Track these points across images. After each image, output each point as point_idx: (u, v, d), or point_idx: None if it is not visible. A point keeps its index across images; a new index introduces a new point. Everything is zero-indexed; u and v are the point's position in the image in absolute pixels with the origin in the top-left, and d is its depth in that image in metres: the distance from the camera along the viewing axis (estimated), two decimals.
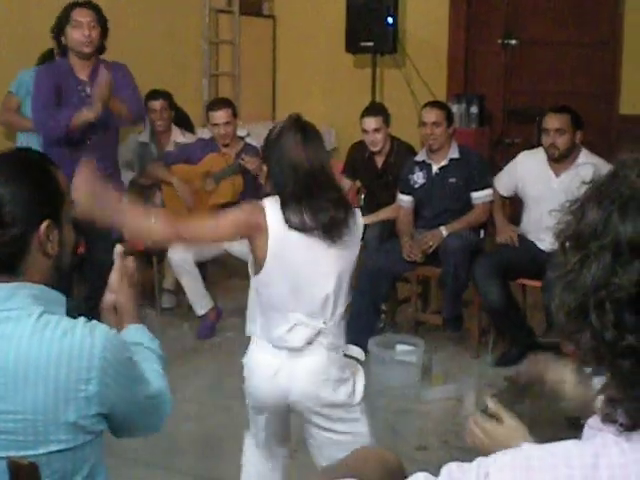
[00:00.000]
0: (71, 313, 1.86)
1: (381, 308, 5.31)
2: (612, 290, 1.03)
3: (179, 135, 6.17)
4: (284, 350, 2.78)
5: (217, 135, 5.60)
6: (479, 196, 5.19)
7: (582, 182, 1.12)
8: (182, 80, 7.07)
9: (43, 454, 1.72)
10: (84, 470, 1.79)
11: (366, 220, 5.49)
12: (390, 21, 7.11)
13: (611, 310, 1.03)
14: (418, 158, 5.34)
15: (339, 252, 2.77)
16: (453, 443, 4.04)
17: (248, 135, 6.07)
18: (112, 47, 4.73)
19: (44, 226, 1.79)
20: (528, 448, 1.11)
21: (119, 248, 2.11)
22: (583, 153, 4.90)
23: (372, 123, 5.49)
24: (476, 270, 4.86)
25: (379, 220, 5.48)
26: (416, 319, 5.46)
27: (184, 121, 6.49)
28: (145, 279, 5.94)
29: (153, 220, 2.67)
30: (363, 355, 3.04)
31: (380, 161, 5.63)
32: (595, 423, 1.12)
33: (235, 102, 6.22)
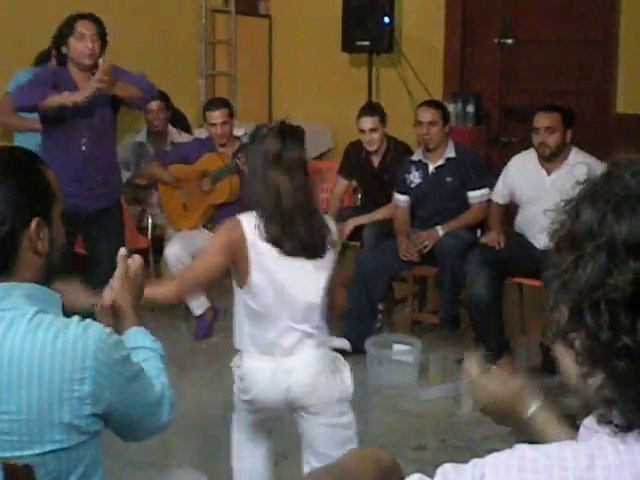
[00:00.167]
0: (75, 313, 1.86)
1: (378, 308, 5.31)
2: (607, 290, 1.03)
3: (176, 135, 6.17)
4: (275, 353, 2.88)
5: (214, 135, 5.59)
6: (475, 195, 5.19)
7: (576, 182, 1.11)
8: (179, 80, 7.06)
9: (38, 454, 1.72)
10: (79, 470, 1.79)
11: (363, 220, 5.54)
12: (386, 20, 7.11)
13: (606, 310, 1.03)
14: (414, 158, 5.34)
15: (317, 262, 2.89)
16: (451, 442, 4.04)
17: (245, 135, 6.06)
18: (108, 47, 4.72)
19: (34, 224, 1.79)
20: (523, 449, 1.10)
21: (122, 250, 2.11)
22: (574, 151, 4.91)
23: (368, 123, 5.49)
24: (468, 261, 4.85)
25: (376, 220, 5.49)
26: (413, 319, 5.46)
27: (181, 121, 6.49)
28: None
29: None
30: (349, 345, 3.10)
31: (377, 161, 5.63)
32: (590, 424, 1.11)
33: (232, 102, 6.22)
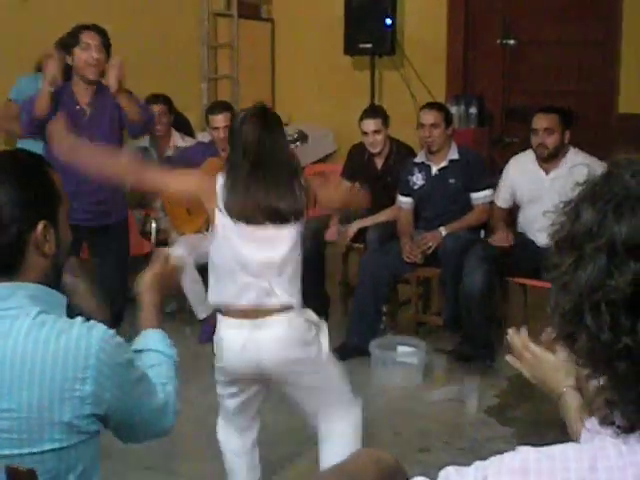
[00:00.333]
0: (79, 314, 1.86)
1: (382, 310, 5.31)
2: (607, 291, 1.02)
3: (179, 139, 6.16)
4: (246, 322, 3.00)
5: (217, 139, 5.58)
6: (479, 197, 5.19)
7: (576, 183, 1.11)
8: (181, 84, 7.07)
9: (37, 453, 1.72)
10: (77, 470, 1.79)
11: (366, 222, 5.54)
12: (388, 22, 7.11)
13: (607, 312, 1.02)
14: (417, 159, 5.34)
15: (280, 226, 3.02)
16: (455, 444, 4.03)
17: None
18: (112, 53, 4.73)
19: (41, 227, 1.79)
20: (526, 451, 1.10)
21: (165, 251, 2.11)
22: (572, 151, 4.92)
23: (371, 125, 5.48)
24: (468, 255, 4.85)
25: (379, 222, 5.48)
26: (417, 320, 5.45)
27: (184, 125, 6.49)
28: None
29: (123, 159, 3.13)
30: (324, 323, 3.19)
31: (380, 163, 5.63)
32: (593, 426, 1.11)
33: (234, 105, 6.22)
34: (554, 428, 2.00)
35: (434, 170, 5.25)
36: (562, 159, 4.91)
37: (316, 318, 3.15)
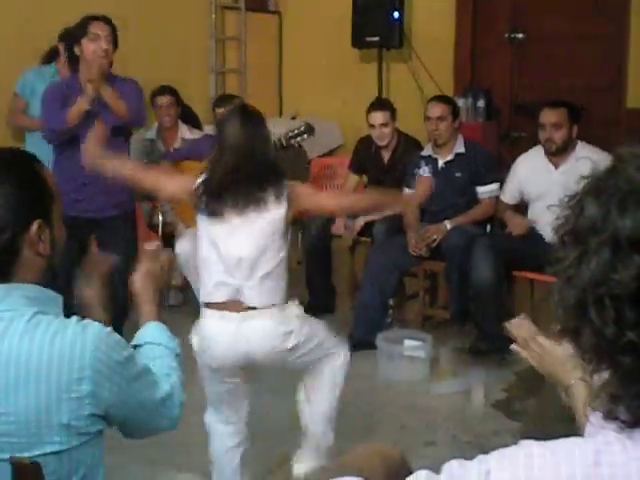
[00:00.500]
0: (74, 313, 1.86)
1: (389, 303, 5.30)
2: (611, 286, 1.02)
3: (186, 131, 6.15)
4: (233, 314, 3.10)
5: None
6: (485, 190, 5.18)
7: (580, 177, 1.11)
8: (188, 77, 7.06)
9: (37, 456, 1.70)
10: (80, 472, 1.77)
11: (373, 216, 5.52)
12: (396, 15, 7.09)
13: (611, 306, 1.02)
14: (424, 153, 5.34)
15: (256, 217, 3.08)
16: (461, 438, 4.03)
17: None
18: (119, 45, 4.73)
19: (35, 227, 1.77)
20: (529, 445, 1.10)
21: (151, 246, 2.10)
22: (579, 145, 4.91)
23: (379, 118, 5.48)
24: (476, 248, 4.83)
25: (386, 215, 5.47)
26: (424, 314, 5.45)
27: (191, 118, 6.49)
28: None
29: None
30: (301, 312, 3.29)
31: (387, 156, 5.62)
32: (597, 420, 1.11)
33: (241, 98, 6.21)
34: (561, 422, 2.00)
35: (440, 163, 5.24)
36: (571, 153, 4.89)
37: (298, 312, 3.24)
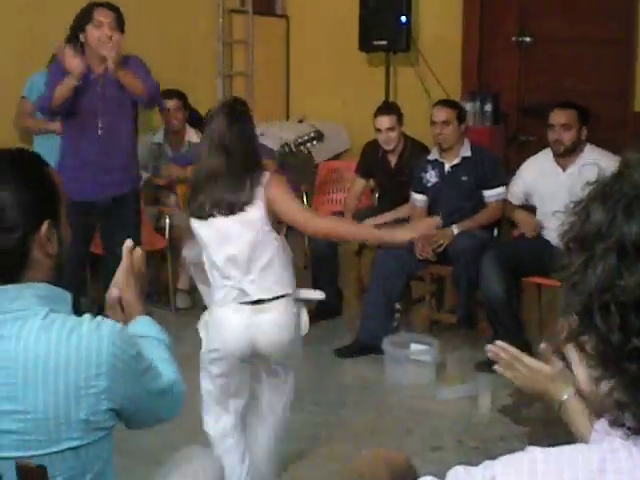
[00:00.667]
0: (83, 310, 1.86)
1: (395, 307, 5.30)
2: (617, 292, 1.01)
3: (194, 135, 6.16)
4: (246, 307, 3.16)
5: None
6: (491, 194, 5.17)
7: (586, 182, 1.10)
8: (196, 80, 7.08)
9: (55, 452, 1.72)
10: (95, 468, 1.79)
11: (380, 219, 5.52)
12: (403, 19, 7.10)
13: (617, 312, 1.01)
14: (430, 157, 5.33)
15: (241, 219, 3.11)
16: (468, 443, 4.02)
17: (261, 135, 6.06)
18: (125, 47, 4.74)
19: (45, 227, 1.78)
20: (534, 451, 1.09)
21: (128, 242, 2.10)
22: (588, 147, 4.89)
23: (385, 122, 5.48)
24: (482, 259, 4.82)
25: (393, 219, 5.47)
26: (431, 318, 5.44)
27: (198, 121, 6.48)
28: (160, 279, 5.95)
29: None
30: (321, 294, 3.42)
31: (394, 160, 5.62)
32: (602, 427, 1.10)
33: (248, 101, 6.21)
34: (567, 428, 1.99)
35: (447, 167, 5.23)
36: (579, 155, 4.87)
37: (304, 295, 3.34)
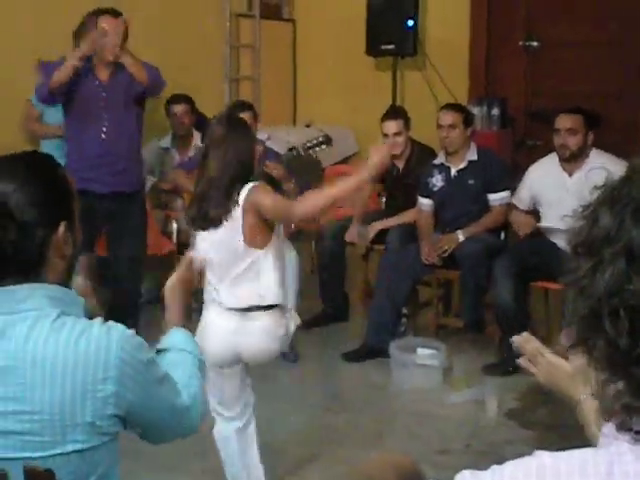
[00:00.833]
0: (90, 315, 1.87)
1: (402, 311, 5.29)
2: (626, 297, 1.01)
3: (200, 140, 6.17)
4: (236, 313, 3.21)
5: None
6: (496, 198, 5.16)
7: (594, 187, 1.10)
8: (203, 84, 7.08)
9: (59, 454, 1.71)
10: (98, 471, 1.78)
11: (387, 223, 5.52)
12: (410, 24, 7.10)
13: (625, 317, 1.01)
14: (437, 161, 5.32)
15: (222, 230, 3.17)
16: (475, 447, 4.02)
17: (268, 139, 6.07)
18: (133, 51, 4.75)
19: (62, 229, 1.78)
20: (542, 455, 1.09)
21: (189, 253, 2.16)
22: (594, 152, 4.87)
23: (392, 127, 5.47)
24: (496, 267, 4.82)
25: (400, 223, 5.47)
26: (437, 322, 5.44)
27: (206, 126, 6.50)
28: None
29: None
30: (298, 320, 3.44)
31: (401, 165, 5.61)
32: (610, 431, 1.10)
33: (256, 105, 6.22)
34: (575, 431, 1.99)
35: (453, 171, 5.23)
36: (585, 160, 4.86)
37: (291, 304, 3.44)
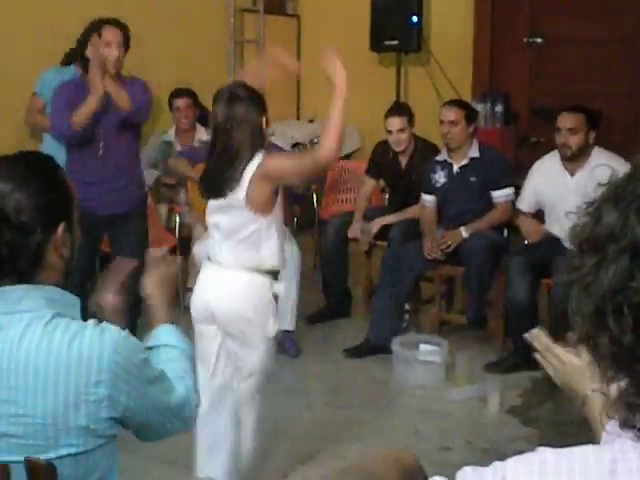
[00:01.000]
0: (91, 314, 1.86)
1: (404, 307, 5.29)
2: (630, 294, 1.01)
3: (204, 134, 6.16)
4: (216, 269, 3.30)
5: None
6: (500, 195, 5.15)
7: (598, 184, 1.10)
8: (207, 79, 7.04)
9: (53, 458, 1.70)
10: (95, 475, 1.77)
11: (390, 219, 5.52)
12: (415, 20, 7.09)
13: (629, 314, 1.01)
14: (439, 157, 5.32)
15: (233, 197, 3.22)
16: (476, 444, 4.02)
17: (272, 134, 6.06)
18: (138, 47, 4.74)
19: (61, 230, 1.78)
20: (545, 452, 1.09)
21: (163, 250, 2.12)
22: (596, 151, 4.85)
23: (396, 123, 5.47)
24: (509, 268, 4.81)
25: (403, 220, 5.47)
26: (440, 319, 5.43)
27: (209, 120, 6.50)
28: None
29: None
30: (282, 290, 3.42)
31: (404, 161, 5.61)
32: (613, 428, 1.10)
33: None
34: (577, 429, 1.99)
35: (455, 168, 5.22)
36: (586, 159, 4.84)
37: (280, 291, 3.35)
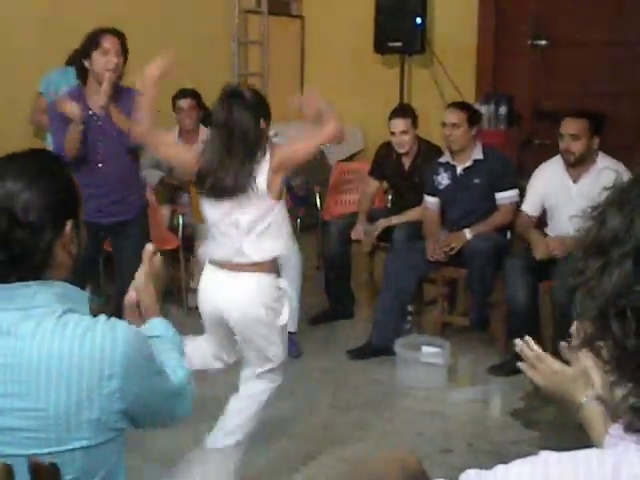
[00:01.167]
0: (98, 310, 1.87)
1: (407, 309, 5.29)
2: (634, 298, 1.01)
3: (208, 135, 6.17)
4: (224, 271, 3.37)
5: None
6: (504, 197, 5.14)
7: (603, 188, 1.10)
8: (211, 80, 7.05)
9: (66, 451, 1.72)
10: (105, 468, 1.79)
11: (393, 221, 5.52)
12: (418, 21, 7.10)
13: (633, 318, 1.01)
14: (442, 159, 5.31)
15: (234, 202, 3.31)
16: (478, 446, 4.02)
17: (276, 135, 6.06)
18: (142, 48, 4.74)
19: (69, 227, 1.80)
20: (547, 455, 1.09)
21: (150, 247, 2.14)
22: (600, 158, 4.81)
23: (400, 125, 5.47)
24: (507, 269, 4.80)
25: (406, 221, 5.47)
26: (442, 321, 5.43)
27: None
28: (172, 279, 5.96)
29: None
30: (286, 285, 3.53)
31: (407, 163, 5.61)
32: (617, 432, 1.10)
33: None
34: (579, 432, 1.98)
35: (459, 170, 5.21)
36: (590, 166, 4.80)
37: (285, 286, 3.44)
